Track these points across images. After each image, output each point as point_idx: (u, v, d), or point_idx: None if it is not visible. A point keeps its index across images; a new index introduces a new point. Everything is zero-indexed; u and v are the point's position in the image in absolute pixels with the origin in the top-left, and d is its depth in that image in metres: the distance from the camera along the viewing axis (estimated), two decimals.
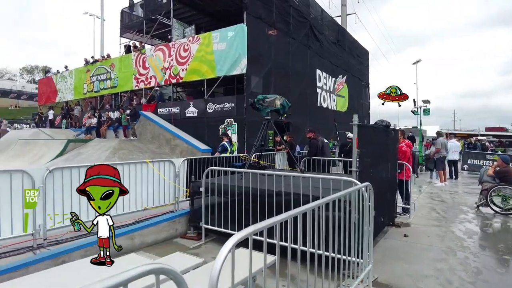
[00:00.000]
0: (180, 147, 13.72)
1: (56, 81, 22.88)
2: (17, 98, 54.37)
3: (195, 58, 14.08)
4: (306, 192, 3.62)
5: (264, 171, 4.01)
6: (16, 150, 16.48)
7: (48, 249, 3.85)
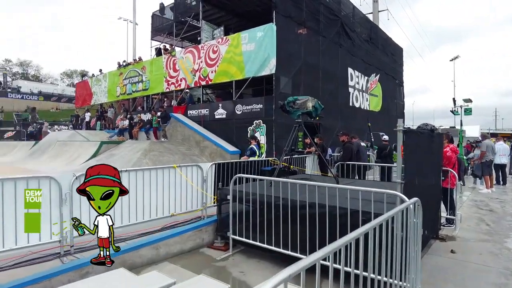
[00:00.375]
0: (209, 149, 13.69)
1: (92, 84, 23.75)
2: (58, 101, 57.35)
3: (224, 59, 14.00)
4: (343, 204, 3.30)
5: (296, 181, 3.71)
6: (55, 151, 17.22)
7: (75, 257, 3.78)
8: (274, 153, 12.22)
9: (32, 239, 3.64)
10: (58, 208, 3.77)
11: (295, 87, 13.58)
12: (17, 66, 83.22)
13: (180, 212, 5.11)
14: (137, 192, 4.59)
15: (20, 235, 3.55)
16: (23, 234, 3.56)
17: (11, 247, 3.50)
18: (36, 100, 55.24)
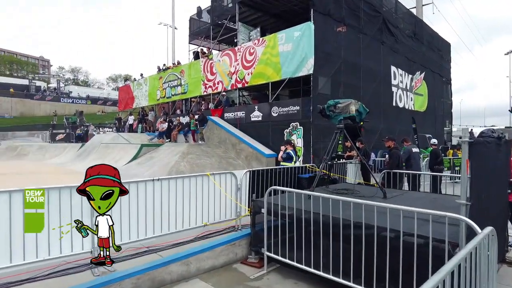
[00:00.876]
0: (245, 152, 13.54)
1: (133, 88, 24.63)
2: (104, 104, 60.56)
3: (261, 61, 13.77)
4: (395, 225, 2.87)
5: (338, 197, 3.32)
6: (98, 153, 17.98)
7: (106, 268, 3.68)
8: (312, 157, 11.79)
9: (65, 249, 3.59)
10: (90, 218, 3.69)
11: (335, 87, 13.04)
12: (68, 73, 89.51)
13: (214, 221, 4.90)
14: (170, 201, 4.45)
15: (53, 245, 3.52)
16: (56, 244, 3.53)
17: (44, 258, 3.47)
18: (84, 104, 58.71)
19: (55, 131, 32.07)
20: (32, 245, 3.40)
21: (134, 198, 4.12)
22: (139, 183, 4.20)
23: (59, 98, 58.22)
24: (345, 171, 7.36)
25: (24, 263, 3.37)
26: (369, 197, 4.52)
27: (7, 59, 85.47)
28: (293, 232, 3.71)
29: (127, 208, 4.04)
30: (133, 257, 4.06)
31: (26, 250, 3.37)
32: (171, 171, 11.72)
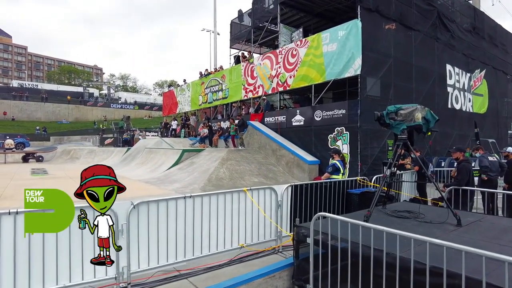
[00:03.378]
0: (286, 158, 12.93)
1: (177, 93, 25.05)
2: (150, 110, 63.07)
3: (303, 63, 13.11)
4: (475, 274, 2.13)
5: (407, 234, 2.58)
6: (142, 158, 18.35)
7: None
8: (359, 165, 10.90)
9: (87, 275, 3.26)
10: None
11: (384, 89, 12.03)
12: (118, 80, 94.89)
13: (251, 243, 4.38)
14: (203, 220, 4.01)
15: (75, 271, 3.20)
16: (78, 269, 3.21)
17: (65, 284, 3.15)
18: (132, 109, 61.57)
19: (105, 136, 33.70)
20: (52, 270, 3.10)
21: (164, 217, 3.73)
22: (169, 201, 3.79)
23: (109, 104, 61.58)
24: (399, 184, 6.48)
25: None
26: (438, 223, 3.73)
27: (66, 68, 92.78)
28: (346, 269, 3.05)
29: (155, 229, 3.64)
30: (161, 283, 3.65)
31: (46, 276, 3.08)
32: (210, 177, 11.45)
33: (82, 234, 3.22)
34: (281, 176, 12.40)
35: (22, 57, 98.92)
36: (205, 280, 3.73)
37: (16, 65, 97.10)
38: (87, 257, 3.24)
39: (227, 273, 3.88)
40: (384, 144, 11.77)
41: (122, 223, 3.35)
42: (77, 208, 2.86)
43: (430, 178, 4.38)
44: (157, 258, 3.64)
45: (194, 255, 3.92)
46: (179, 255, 3.80)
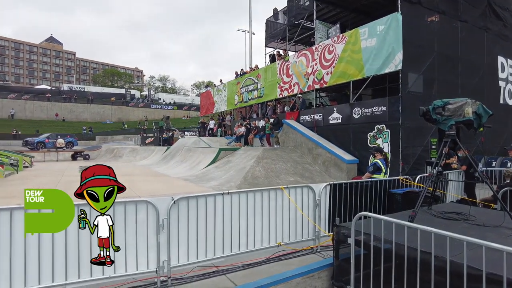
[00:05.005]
0: (323, 157, 12.68)
1: (213, 94, 25.50)
2: (188, 110, 64.80)
3: (341, 59, 12.79)
4: None
5: (459, 236, 2.39)
6: (181, 156, 18.88)
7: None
8: (401, 164, 10.44)
9: (130, 268, 3.38)
10: (155, 235, 3.43)
11: (428, 84, 11.43)
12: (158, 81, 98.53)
13: (289, 241, 4.32)
14: (240, 217, 4.01)
15: (119, 263, 3.32)
16: (122, 261, 3.34)
17: (110, 275, 3.29)
18: (171, 109, 63.59)
19: (146, 135, 35.10)
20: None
21: (202, 213, 3.78)
22: (208, 197, 3.84)
23: (150, 105, 64.09)
24: (445, 184, 6.10)
25: (91, 279, 3.24)
26: (492, 226, 3.44)
27: (110, 72, 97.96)
28: (390, 271, 2.90)
29: (195, 224, 3.70)
30: (200, 278, 3.70)
31: (93, 266, 3.23)
32: (246, 176, 11.52)
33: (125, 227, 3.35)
34: (318, 176, 12.19)
35: (71, 62, 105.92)
36: (242, 277, 3.74)
37: (66, 70, 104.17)
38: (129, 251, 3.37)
39: (265, 271, 3.86)
40: (427, 143, 11.17)
41: (163, 218, 3.44)
42: (77, 205, 2.90)
43: (483, 178, 4.04)
44: (196, 253, 3.70)
45: (232, 252, 3.94)
46: (217, 251, 3.84)
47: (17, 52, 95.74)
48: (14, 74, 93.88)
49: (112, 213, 3.26)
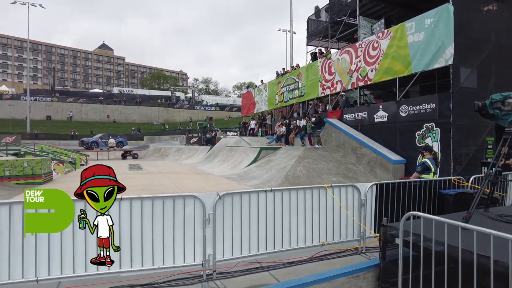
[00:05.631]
0: (367, 157, 12.29)
1: (254, 94, 25.74)
2: (230, 111, 66.03)
3: (386, 55, 12.32)
4: None
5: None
6: (223, 156, 19.30)
7: (216, 284, 3.48)
8: (452, 165, 9.82)
9: (178, 260, 3.54)
10: (201, 229, 3.56)
11: (483, 79, 10.61)
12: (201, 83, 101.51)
13: (332, 241, 4.26)
14: (283, 214, 4.03)
15: (167, 255, 3.50)
16: (170, 253, 3.50)
17: (159, 265, 3.47)
18: (214, 110, 65.21)
19: (190, 135, 36.34)
20: (149, 252, 3.44)
21: (246, 210, 3.85)
22: (251, 194, 3.90)
23: (194, 106, 66.23)
24: (505, 186, 5.64)
25: (142, 269, 3.43)
26: None
27: (156, 75, 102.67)
28: (442, 275, 2.74)
29: (239, 220, 3.79)
30: (244, 273, 3.78)
31: (145, 258, 3.42)
32: (287, 175, 11.50)
33: (174, 221, 3.51)
34: (362, 176, 11.84)
35: (121, 66, 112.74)
36: (285, 274, 3.75)
37: (116, 74, 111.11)
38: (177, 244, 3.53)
39: (308, 270, 3.84)
40: (482, 142, 10.37)
41: (209, 212, 3.56)
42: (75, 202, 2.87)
43: None
44: (240, 248, 3.78)
45: (275, 249, 3.97)
46: (260, 247, 3.89)
47: (75, 59, 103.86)
48: (72, 79, 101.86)
49: (161, 207, 3.47)
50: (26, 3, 38.85)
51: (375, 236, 4.24)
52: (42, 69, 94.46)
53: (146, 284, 3.44)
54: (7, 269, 3.04)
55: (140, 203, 3.40)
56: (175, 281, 3.52)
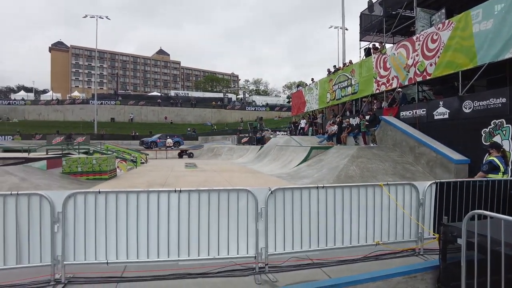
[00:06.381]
0: (427, 157, 11.56)
1: (305, 93, 25.50)
2: (280, 111, 66.15)
3: (447, 47, 11.49)
4: None
5: None
6: (273, 155, 19.43)
7: (268, 277, 3.56)
8: None
9: (232, 251, 3.68)
10: (254, 222, 3.66)
11: None
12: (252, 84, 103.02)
13: (387, 241, 4.11)
14: (336, 211, 3.99)
15: (222, 246, 3.65)
16: (225, 244, 3.66)
17: (214, 256, 3.64)
18: (264, 110, 65.79)
19: (242, 135, 37.13)
20: (205, 242, 3.62)
21: (298, 205, 3.87)
22: (303, 190, 3.92)
23: (245, 107, 67.43)
24: None
25: (198, 258, 3.63)
26: None
27: (210, 78, 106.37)
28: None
29: (290, 215, 3.83)
30: (296, 268, 3.81)
31: (201, 248, 3.62)
32: (339, 174, 11.25)
33: (228, 214, 3.66)
34: (421, 177, 11.16)
35: (177, 70, 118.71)
36: (338, 272, 3.71)
37: (173, 78, 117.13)
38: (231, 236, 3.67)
39: (362, 269, 3.76)
40: None
41: (261, 206, 3.65)
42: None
43: None
44: (291, 243, 3.81)
45: (327, 246, 3.93)
46: (312, 243, 3.89)
47: (135, 65, 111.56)
48: (133, 84, 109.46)
49: (216, 199, 3.64)
50: (95, 16, 42.65)
51: (434, 236, 4.01)
52: (107, 75, 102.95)
53: (202, 274, 3.63)
54: (83, 251, 3.41)
55: (197, 195, 3.60)
56: (229, 271, 3.67)
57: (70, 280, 3.38)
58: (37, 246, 3.33)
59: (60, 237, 3.33)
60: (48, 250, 3.32)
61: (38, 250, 3.33)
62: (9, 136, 39.84)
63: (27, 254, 3.32)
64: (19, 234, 3.30)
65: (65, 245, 3.35)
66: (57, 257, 3.33)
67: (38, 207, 3.32)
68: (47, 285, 3.27)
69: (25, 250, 3.32)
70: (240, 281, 3.52)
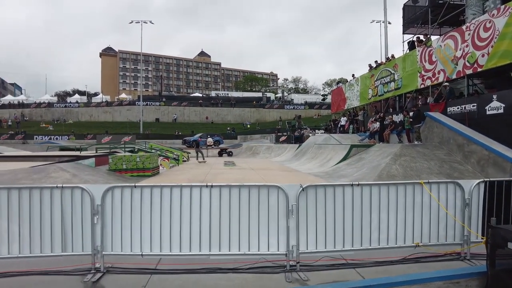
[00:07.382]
0: (477, 155, 10.72)
1: (345, 90, 24.82)
2: (319, 108, 64.93)
3: (503, 35, 10.56)
4: None
5: None
6: (312, 153, 19.13)
7: (299, 276, 3.49)
8: None
9: (262, 247, 3.66)
10: (285, 219, 3.61)
11: None
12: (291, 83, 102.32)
13: (428, 243, 3.85)
14: (372, 210, 3.81)
15: (253, 242, 3.64)
16: (255, 241, 3.64)
17: (245, 252, 3.63)
18: (303, 109, 64.98)
19: (280, 134, 37.02)
20: (235, 238, 3.63)
21: (331, 203, 3.75)
22: (336, 187, 3.79)
23: (283, 106, 67.13)
24: None
25: (229, 253, 3.65)
26: None
27: (249, 78, 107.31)
28: None
29: (323, 213, 3.72)
30: (328, 268, 3.70)
31: (232, 243, 3.63)
32: (381, 174, 10.80)
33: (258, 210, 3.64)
34: (470, 176, 10.36)
35: (218, 71, 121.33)
36: (374, 273, 3.54)
37: (213, 79, 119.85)
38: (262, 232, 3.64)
39: (400, 271, 3.55)
40: None
41: (292, 203, 3.58)
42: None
43: None
44: (324, 242, 3.70)
45: (362, 246, 3.77)
46: (346, 243, 3.75)
47: (178, 67, 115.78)
48: (176, 85, 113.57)
49: (247, 195, 3.63)
50: (140, 21, 44.74)
51: (481, 239, 3.69)
52: (152, 77, 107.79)
53: (232, 269, 3.64)
54: (119, 243, 3.57)
55: (228, 190, 3.62)
56: (259, 268, 3.65)
57: (108, 270, 3.55)
58: (79, 236, 3.54)
59: (99, 228, 3.52)
60: (89, 240, 3.52)
61: (80, 240, 3.54)
62: (65, 136, 43.11)
63: (71, 243, 3.54)
64: (63, 224, 3.53)
65: (103, 236, 3.53)
66: (96, 247, 3.51)
67: (80, 200, 3.53)
68: (88, 272, 3.47)
69: (69, 239, 3.54)
70: (271, 278, 3.48)
